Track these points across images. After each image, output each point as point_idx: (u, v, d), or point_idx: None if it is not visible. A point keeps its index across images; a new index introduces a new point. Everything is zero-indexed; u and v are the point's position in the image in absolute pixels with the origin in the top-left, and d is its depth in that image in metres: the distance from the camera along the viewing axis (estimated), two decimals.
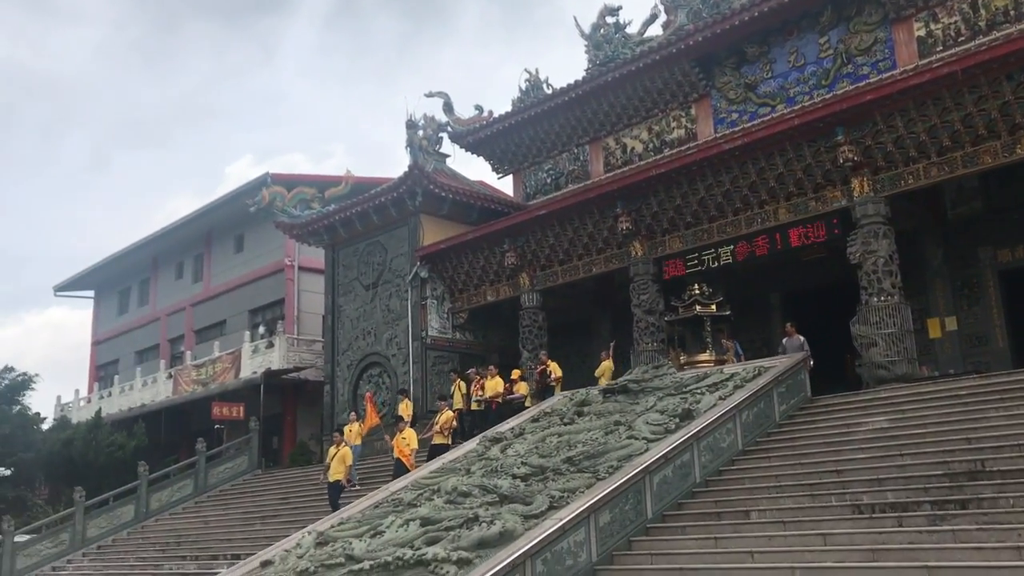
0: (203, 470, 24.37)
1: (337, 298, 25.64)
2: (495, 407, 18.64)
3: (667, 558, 10.38)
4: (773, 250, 18.21)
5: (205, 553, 18.04)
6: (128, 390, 34.98)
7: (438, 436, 17.25)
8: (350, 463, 17.14)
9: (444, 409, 17.81)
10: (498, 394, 18.73)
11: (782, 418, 14.23)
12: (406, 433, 16.76)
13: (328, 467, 17.04)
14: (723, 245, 18.70)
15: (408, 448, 16.44)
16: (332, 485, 16.82)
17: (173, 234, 35.79)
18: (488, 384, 19.01)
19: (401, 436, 16.73)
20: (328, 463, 17.11)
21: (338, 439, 17.42)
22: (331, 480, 16.84)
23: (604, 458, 11.85)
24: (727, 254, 18.74)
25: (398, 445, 16.67)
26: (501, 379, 18.99)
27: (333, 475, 16.81)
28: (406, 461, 16.23)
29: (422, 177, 22.96)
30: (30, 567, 21.14)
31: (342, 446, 17.11)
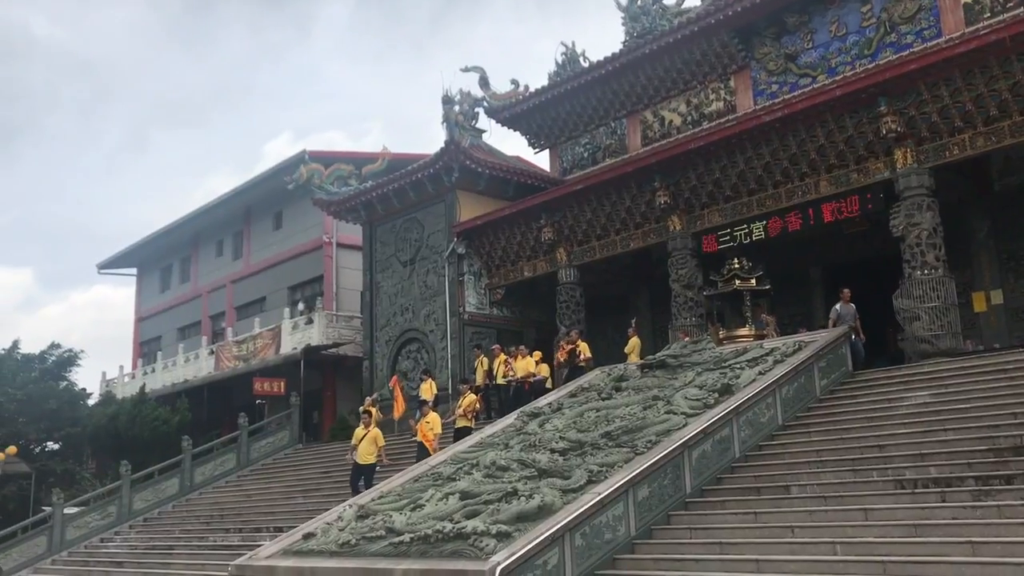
0: (245, 444, 24.75)
1: (375, 274, 25.78)
2: (527, 387, 18.45)
3: (706, 532, 10.37)
4: (806, 225, 18.00)
5: (248, 526, 18.34)
6: (171, 366, 35.55)
7: (461, 419, 17.00)
8: (383, 444, 16.72)
9: (467, 392, 17.59)
10: (529, 374, 18.55)
11: (823, 393, 14.11)
12: (430, 417, 16.40)
13: (354, 448, 16.53)
14: (755, 221, 18.51)
15: (432, 432, 16.09)
16: (360, 467, 16.33)
17: (213, 212, 36.18)
18: (518, 364, 18.87)
19: (425, 420, 16.39)
20: (355, 444, 16.59)
21: (366, 420, 17.04)
22: (362, 463, 16.33)
23: (642, 433, 11.84)
24: (759, 230, 18.58)
25: (422, 429, 16.32)
26: (531, 359, 18.83)
27: (364, 457, 16.31)
28: (429, 446, 15.88)
29: (458, 153, 22.95)
30: (79, 538, 21.66)
31: (371, 427, 16.70)
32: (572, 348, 19.14)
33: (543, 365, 19.11)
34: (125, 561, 19.12)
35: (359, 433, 16.79)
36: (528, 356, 18.97)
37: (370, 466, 16.40)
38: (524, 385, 18.57)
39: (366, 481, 15.97)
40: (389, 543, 10.45)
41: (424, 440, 16.15)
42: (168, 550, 18.86)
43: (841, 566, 8.61)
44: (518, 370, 18.82)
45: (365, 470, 16.35)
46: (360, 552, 10.73)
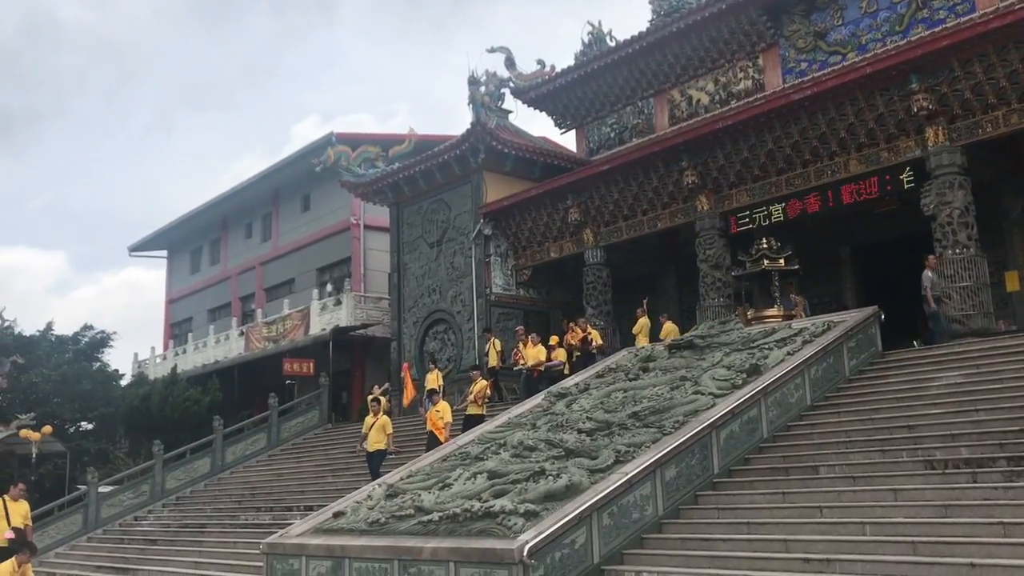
0: (275, 424, 25.03)
1: (402, 256, 25.89)
2: (537, 376, 18.22)
3: (734, 512, 10.38)
4: (828, 206, 17.88)
5: (279, 504, 18.56)
6: (202, 347, 35.95)
7: (472, 406, 16.89)
8: (391, 432, 16.61)
9: (477, 378, 17.38)
10: (540, 362, 18.31)
11: (852, 373, 14.02)
12: (440, 406, 16.29)
13: (365, 436, 16.49)
14: (781, 201, 18.37)
15: (442, 421, 15.96)
16: (373, 454, 16.28)
17: (241, 194, 36.41)
18: (529, 352, 18.58)
19: (435, 409, 16.27)
20: (365, 432, 16.55)
21: (375, 408, 16.92)
22: (371, 450, 16.28)
23: (670, 413, 11.84)
24: (778, 212, 18.49)
25: (431, 418, 16.22)
26: (543, 347, 18.61)
27: (373, 444, 16.26)
28: (439, 435, 15.77)
29: (485, 134, 22.93)
30: (114, 516, 22.04)
31: (380, 415, 16.60)
32: (584, 336, 18.98)
33: (560, 350, 18.93)
34: (158, 538, 19.44)
35: (368, 421, 16.70)
36: (539, 344, 18.64)
37: (379, 452, 16.27)
38: (534, 373, 18.32)
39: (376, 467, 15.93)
40: (418, 522, 10.56)
41: (434, 429, 16.00)
42: (200, 528, 19.15)
43: (870, 546, 8.59)
44: (528, 358, 18.55)
45: (374, 457, 16.25)
46: (389, 530, 10.86)
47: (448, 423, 16.09)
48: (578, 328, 19.41)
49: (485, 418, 16.23)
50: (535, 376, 18.35)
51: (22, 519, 13.46)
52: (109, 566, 18.20)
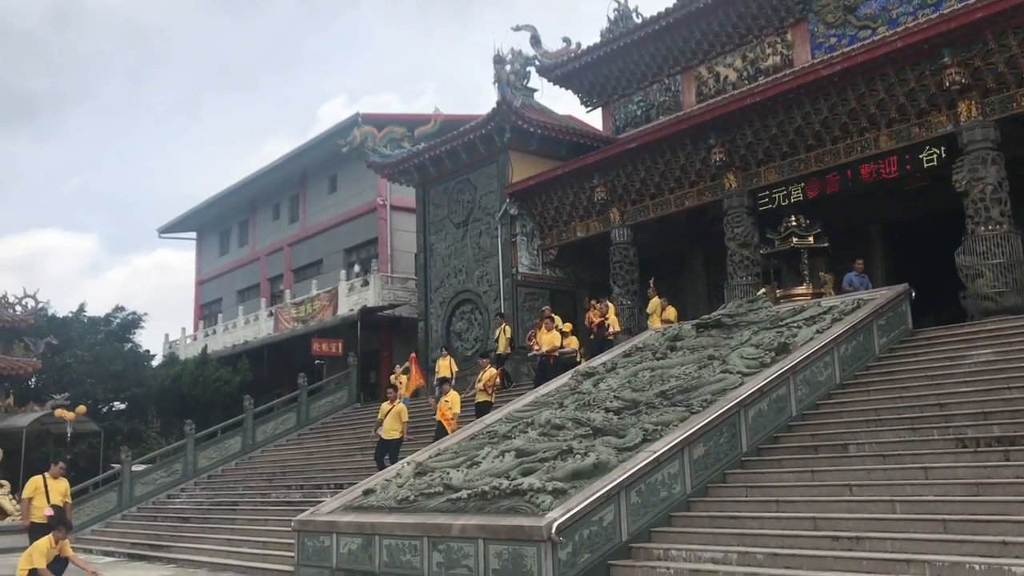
0: (305, 404, 25.28)
1: (428, 236, 25.94)
2: (552, 361, 17.99)
3: (762, 491, 10.37)
4: (844, 186, 17.74)
5: (309, 482, 18.77)
6: (231, 328, 36.30)
7: (482, 394, 16.77)
8: (406, 420, 16.53)
9: (486, 366, 17.21)
10: (555, 348, 18.07)
11: (882, 351, 13.92)
12: (449, 396, 16.10)
13: (380, 423, 16.38)
14: (802, 180, 18.23)
15: (450, 412, 15.81)
16: (387, 442, 16.10)
17: (269, 176, 36.61)
18: (544, 338, 18.35)
19: (444, 399, 16.13)
20: (380, 419, 16.40)
21: (391, 395, 16.90)
22: (386, 438, 16.12)
23: (698, 392, 11.82)
24: (798, 192, 18.36)
25: (440, 408, 16.10)
26: (557, 332, 18.38)
27: (388, 432, 16.10)
28: (447, 425, 15.65)
29: (510, 113, 22.86)
30: (147, 495, 22.40)
31: (396, 402, 16.52)
32: (602, 321, 18.83)
33: (572, 338, 18.76)
34: (191, 516, 19.74)
35: (384, 408, 16.56)
36: (554, 329, 18.42)
37: (395, 441, 16.13)
38: (549, 359, 18.10)
39: (391, 456, 15.67)
40: (447, 499, 10.65)
41: (442, 419, 15.88)
42: (232, 506, 19.42)
43: (900, 524, 8.56)
44: (543, 343, 18.34)
45: (390, 445, 16.09)
46: (419, 508, 10.96)
47: (456, 414, 15.93)
48: (597, 309, 19.30)
49: (493, 406, 16.07)
50: (551, 362, 18.11)
51: (61, 497, 13.71)
52: (144, 543, 18.51)
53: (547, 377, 16.87)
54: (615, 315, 19.28)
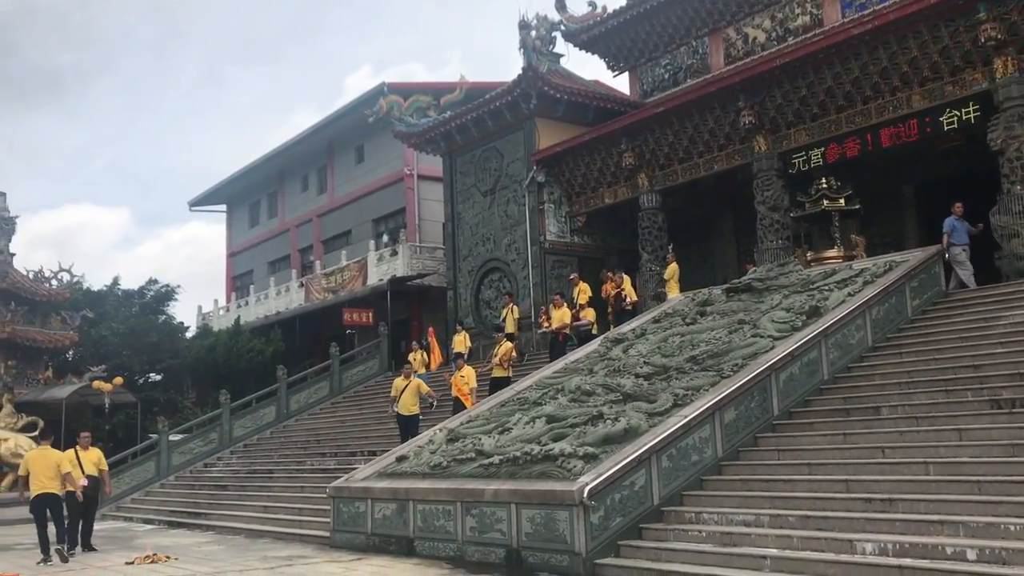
0: (337, 373, 25.54)
1: (456, 205, 25.94)
2: (562, 338, 17.87)
3: (794, 454, 10.37)
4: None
5: (343, 450, 19.00)
6: (263, 299, 36.63)
7: (498, 369, 16.66)
8: (427, 390, 16.54)
9: (502, 340, 17.08)
10: (565, 325, 17.92)
11: (915, 313, 13.81)
12: (465, 371, 16.05)
13: (395, 399, 16.33)
14: (833, 142, 17.98)
15: (467, 387, 15.77)
16: (408, 419, 16.03)
17: (296, 147, 36.71)
18: (555, 314, 18.20)
19: (460, 374, 16.04)
20: (396, 396, 16.33)
21: (407, 370, 16.86)
22: (404, 414, 16.06)
23: (728, 356, 11.81)
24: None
25: (456, 383, 16.03)
26: (568, 309, 18.24)
27: (407, 408, 16.04)
28: (465, 400, 15.64)
29: (536, 79, 22.70)
30: (184, 463, 22.79)
31: (412, 378, 16.44)
32: (619, 292, 18.71)
33: (589, 310, 18.63)
34: (228, 484, 20.07)
35: (399, 384, 16.45)
36: (564, 306, 18.20)
37: (413, 417, 16.06)
38: (559, 336, 17.96)
39: (411, 432, 15.59)
40: (479, 465, 10.76)
41: (459, 394, 15.86)
42: (268, 474, 19.72)
43: (934, 486, 8.53)
44: (554, 320, 18.15)
45: (409, 421, 16.04)
46: (451, 473, 11.08)
47: (473, 388, 15.91)
48: (613, 280, 19.24)
49: (511, 380, 16.02)
50: (560, 339, 17.98)
51: (95, 466, 14.06)
52: (182, 510, 18.86)
53: (558, 353, 16.76)
54: (631, 285, 19.16)
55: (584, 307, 18.67)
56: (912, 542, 7.52)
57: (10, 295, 24.10)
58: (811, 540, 8.18)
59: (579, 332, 18.22)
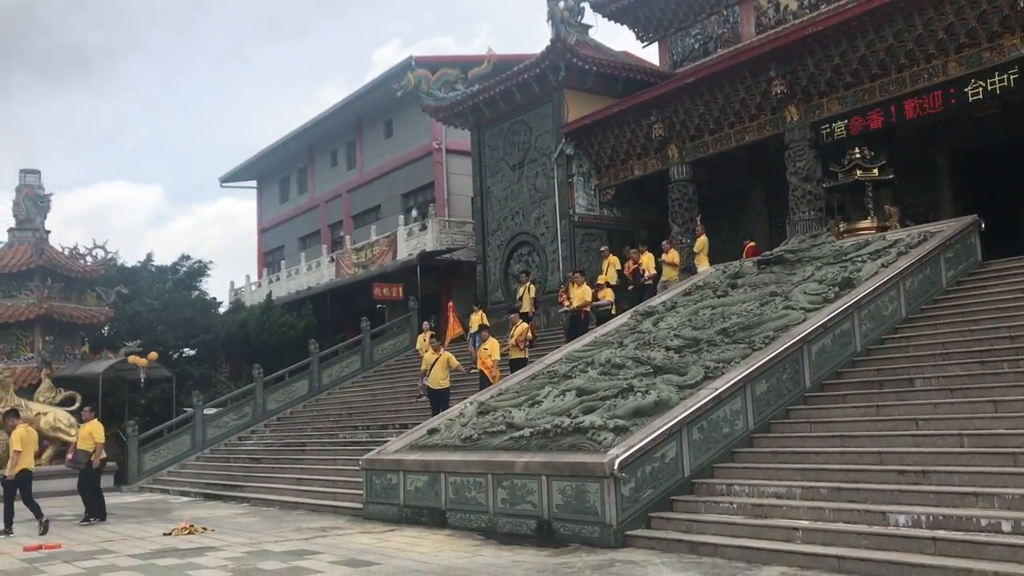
0: (368, 347, 25.73)
1: (484, 179, 25.90)
2: (584, 316, 17.65)
3: (826, 426, 10.33)
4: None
5: (375, 423, 19.18)
6: (294, 274, 36.91)
7: (515, 350, 16.54)
8: (457, 364, 16.51)
9: (517, 322, 16.89)
10: (586, 303, 17.76)
11: (950, 284, 13.65)
12: (488, 343, 16.00)
13: (425, 373, 16.33)
14: (867, 111, 17.67)
15: (490, 359, 15.76)
16: (438, 392, 16.02)
17: (325, 123, 36.76)
18: (575, 292, 17.96)
19: (483, 347, 16.05)
20: (426, 370, 16.36)
21: (435, 344, 16.87)
22: (434, 387, 16.04)
23: (760, 329, 11.75)
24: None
25: (481, 356, 16.06)
26: (588, 287, 18.04)
27: (437, 382, 16.02)
28: (488, 373, 15.65)
29: (564, 50, 22.53)
30: (219, 437, 23.13)
31: (441, 352, 16.43)
32: (635, 268, 18.53)
33: (607, 290, 18.50)
34: (262, 457, 20.35)
35: (429, 358, 16.50)
36: (585, 284, 18.00)
37: (444, 390, 16.05)
38: (580, 314, 17.75)
39: (442, 405, 15.65)
40: (509, 437, 10.81)
41: (483, 367, 15.88)
42: (301, 447, 19.96)
43: (967, 458, 8.47)
44: (574, 298, 17.94)
45: (440, 395, 16.04)
46: (482, 446, 11.15)
47: (496, 361, 15.90)
48: (631, 257, 19.13)
49: (528, 361, 15.90)
50: (582, 317, 17.76)
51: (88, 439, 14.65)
52: (218, 482, 19.16)
53: (578, 332, 16.67)
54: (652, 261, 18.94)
55: (603, 286, 18.58)
56: (946, 514, 7.48)
57: (46, 272, 24.43)
58: (843, 512, 8.15)
59: (598, 311, 18.09)
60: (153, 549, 10.85)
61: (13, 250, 24.77)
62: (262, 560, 9.57)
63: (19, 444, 13.43)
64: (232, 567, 9.19)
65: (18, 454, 13.42)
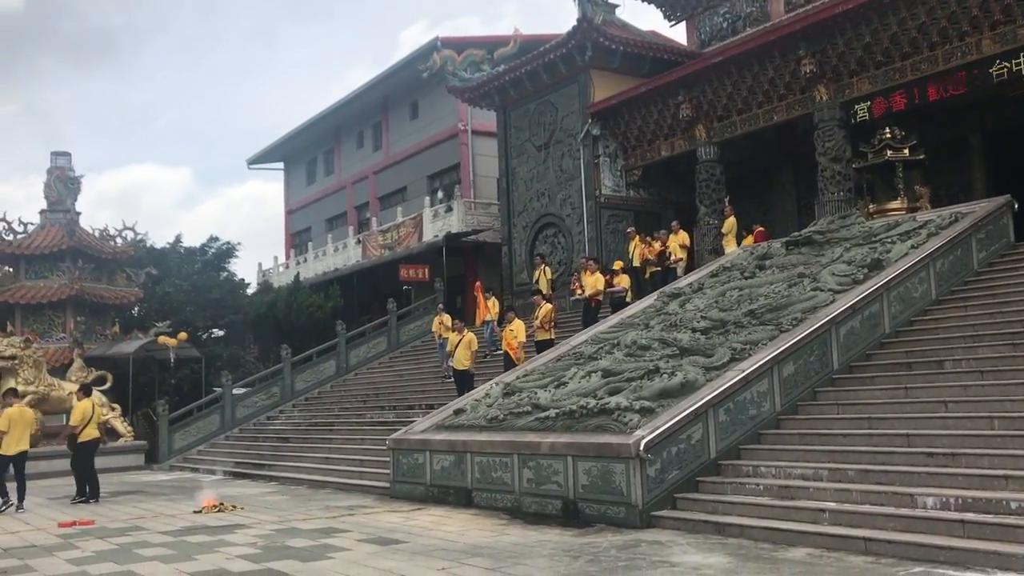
0: (395, 328, 25.87)
1: (510, 160, 25.85)
2: (595, 304, 17.56)
3: (854, 408, 10.26)
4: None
5: (402, 403, 19.29)
6: (321, 256, 37.10)
7: (540, 332, 16.52)
8: (476, 349, 16.67)
9: (541, 303, 16.90)
10: (598, 292, 17.63)
11: (981, 266, 13.48)
12: (514, 325, 16.04)
13: (450, 354, 16.45)
14: (898, 90, 17.45)
15: (516, 340, 15.81)
16: (462, 373, 16.25)
17: (351, 104, 36.82)
18: (588, 281, 17.82)
19: (509, 328, 16.11)
20: (450, 351, 16.52)
21: (459, 325, 16.94)
22: (458, 368, 16.29)
23: (787, 310, 11.68)
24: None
25: (506, 337, 16.12)
26: (601, 275, 17.91)
27: (460, 363, 16.23)
28: (513, 354, 15.69)
29: (591, 30, 22.39)
30: (248, 416, 23.38)
31: (465, 332, 16.61)
32: (662, 251, 18.35)
33: (623, 276, 18.41)
34: (290, 436, 20.55)
35: (454, 339, 16.66)
36: (598, 272, 17.84)
37: (467, 371, 16.21)
38: (592, 302, 17.66)
39: (467, 386, 15.80)
40: (535, 418, 10.85)
41: (508, 348, 15.93)
42: (329, 426, 20.13)
43: (998, 441, 8.38)
44: (586, 287, 17.80)
45: (464, 375, 16.20)
46: (508, 426, 11.20)
47: (522, 343, 15.93)
48: (656, 241, 18.91)
49: (555, 342, 15.88)
50: (593, 305, 17.68)
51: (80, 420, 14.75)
52: (247, 461, 19.37)
53: (591, 320, 16.52)
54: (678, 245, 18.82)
55: (618, 272, 18.48)
56: (975, 497, 7.42)
57: (77, 253, 24.74)
58: (871, 494, 8.11)
59: (613, 298, 18.00)
60: (184, 526, 11.01)
61: (45, 232, 25.10)
62: (291, 537, 9.69)
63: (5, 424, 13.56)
64: (261, 544, 9.31)
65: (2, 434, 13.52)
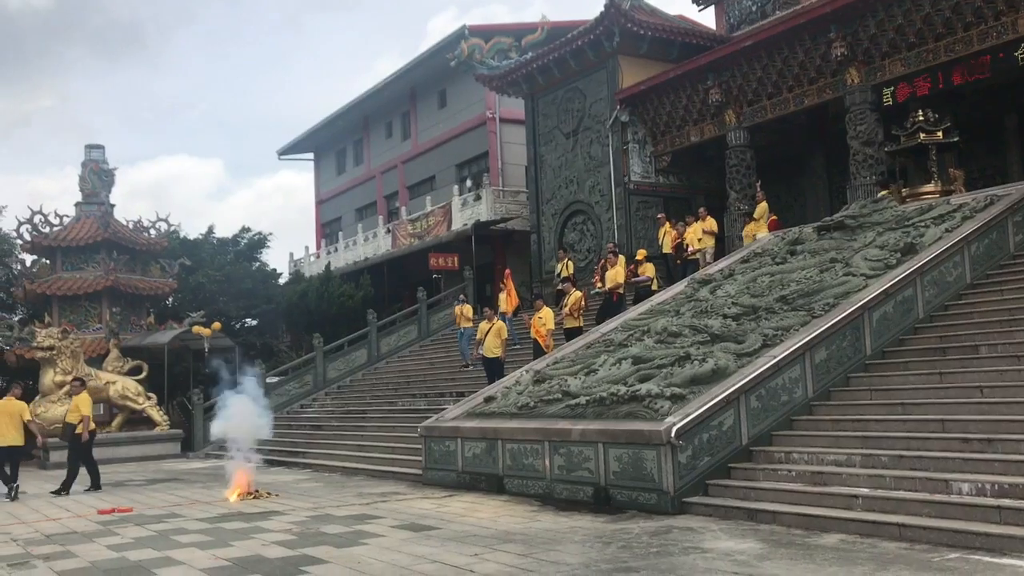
0: (425, 316, 25.99)
1: (538, 148, 25.82)
2: (616, 298, 17.22)
3: (887, 394, 10.19)
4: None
5: (433, 391, 19.39)
6: (352, 245, 37.33)
7: (569, 319, 16.41)
8: (506, 336, 16.70)
9: (571, 290, 16.74)
10: (619, 284, 17.30)
11: (1017, 249, 13.30)
12: (542, 312, 16.01)
13: (480, 342, 16.58)
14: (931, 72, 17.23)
15: (544, 328, 15.75)
16: (491, 361, 16.32)
17: (379, 94, 36.93)
18: (609, 273, 17.52)
19: (537, 316, 16.07)
20: (480, 339, 16.62)
21: (489, 313, 16.97)
22: (488, 356, 16.35)
23: (820, 296, 11.61)
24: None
25: (534, 325, 16.06)
26: (623, 268, 17.64)
27: (490, 350, 16.29)
28: (541, 342, 15.64)
29: (619, 15, 22.28)
30: (281, 404, 23.57)
31: (495, 320, 16.62)
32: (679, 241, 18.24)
33: (648, 265, 18.22)
34: (324, 424, 20.74)
35: (483, 327, 16.72)
36: (619, 264, 17.50)
37: (497, 359, 16.26)
38: (612, 296, 17.30)
39: (497, 373, 15.85)
40: (566, 405, 10.88)
41: (537, 336, 15.89)
42: (361, 414, 20.29)
43: None
44: (607, 280, 17.49)
45: (494, 363, 16.24)
46: (538, 414, 11.24)
47: (550, 330, 15.90)
48: (674, 230, 18.73)
49: (583, 330, 15.78)
50: (614, 299, 17.24)
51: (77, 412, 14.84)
52: (281, 449, 19.56)
53: (608, 315, 16.24)
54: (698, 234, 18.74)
55: (642, 263, 18.34)
56: (1012, 483, 7.34)
57: (112, 244, 25.06)
58: (904, 480, 8.06)
59: (638, 288, 17.86)
60: (220, 513, 11.17)
61: (80, 224, 25.44)
62: (325, 524, 9.81)
63: None
64: (297, 531, 9.43)
65: None
